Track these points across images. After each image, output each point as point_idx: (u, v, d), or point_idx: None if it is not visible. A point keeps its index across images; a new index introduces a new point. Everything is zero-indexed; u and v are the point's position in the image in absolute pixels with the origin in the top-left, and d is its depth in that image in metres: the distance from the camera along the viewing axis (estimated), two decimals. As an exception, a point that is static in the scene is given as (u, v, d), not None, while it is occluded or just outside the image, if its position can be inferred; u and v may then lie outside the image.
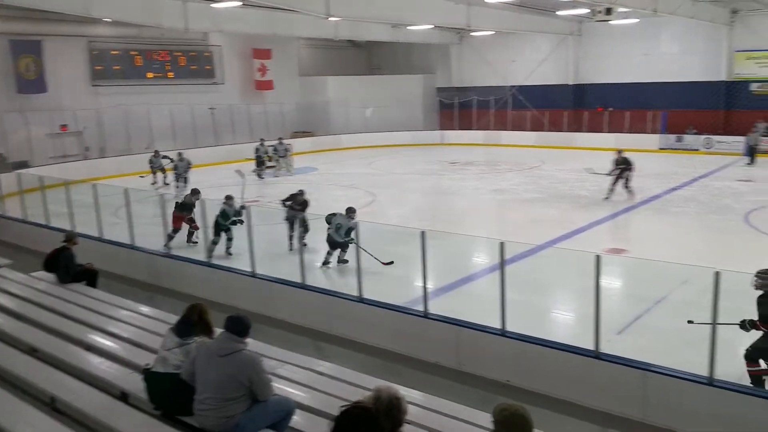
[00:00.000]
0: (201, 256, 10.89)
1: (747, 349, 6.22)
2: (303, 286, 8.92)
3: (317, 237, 11.92)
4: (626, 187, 17.17)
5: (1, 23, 21.68)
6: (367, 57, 37.68)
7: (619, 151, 17.48)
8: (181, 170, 20.20)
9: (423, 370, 7.34)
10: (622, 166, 17.07)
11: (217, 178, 20.38)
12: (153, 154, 21.91)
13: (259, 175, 23.20)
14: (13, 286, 8.87)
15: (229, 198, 11.92)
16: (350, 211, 11.15)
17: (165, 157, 21.30)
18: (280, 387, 5.40)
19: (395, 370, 7.27)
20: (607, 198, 16.99)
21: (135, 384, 5.32)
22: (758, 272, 6.13)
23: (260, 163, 23.52)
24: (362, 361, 7.53)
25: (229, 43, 29.31)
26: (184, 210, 12.70)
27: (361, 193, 19.66)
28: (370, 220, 12.87)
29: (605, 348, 6.43)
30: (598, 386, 6.36)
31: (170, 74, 27.58)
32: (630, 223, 15.06)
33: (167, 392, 5.01)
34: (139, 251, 11.25)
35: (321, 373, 6.09)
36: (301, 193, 12.72)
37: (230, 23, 23.84)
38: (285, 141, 24.60)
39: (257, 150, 23.83)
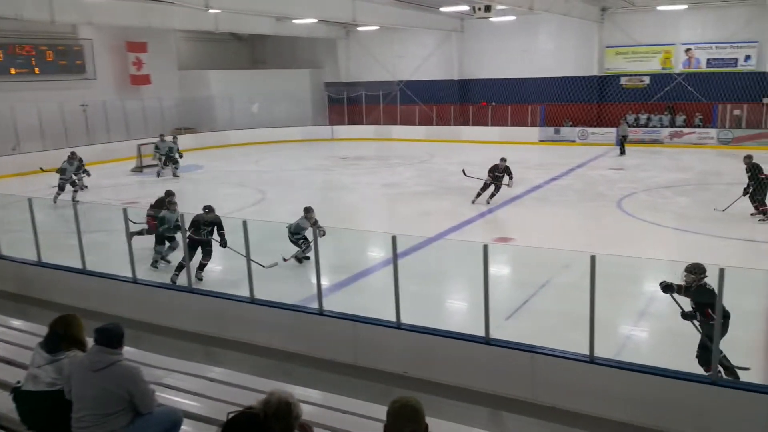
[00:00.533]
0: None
1: (697, 356, 6.23)
2: (190, 290, 8.55)
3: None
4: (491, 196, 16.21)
5: None
6: (251, 51, 36.81)
7: (503, 159, 16.35)
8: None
9: (320, 368, 7.24)
10: (498, 174, 16.09)
11: (90, 179, 19.14)
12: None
13: (158, 174, 22.23)
14: None
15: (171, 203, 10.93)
16: (307, 211, 11.27)
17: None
18: (167, 397, 5.12)
19: (291, 370, 7.14)
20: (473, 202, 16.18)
21: (5, 404, 4.87)
22: (686, 268, 6.32)
23: (172, 160, 22.29)
24: (256, 363, 7.32)
25: (101, 36, 27.49)
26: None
27: (249, 191, 19.21)
28: (260, 218, 12.60)
29: (495, 333, 6.62)
30: (489, 371, 6.53)
31: (36, 70, 25.47)
32: (515, 213, 15.66)
33: (40, 411, 4.62)
34: (7, 260, 10.36)
35: (212, 380, 5.83)
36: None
37: (101, 15, 22.37)
38: (167, 138, 23.48)
39: (157, 147, 22.56)
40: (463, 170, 17.53)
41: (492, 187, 16.17)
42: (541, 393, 6.28)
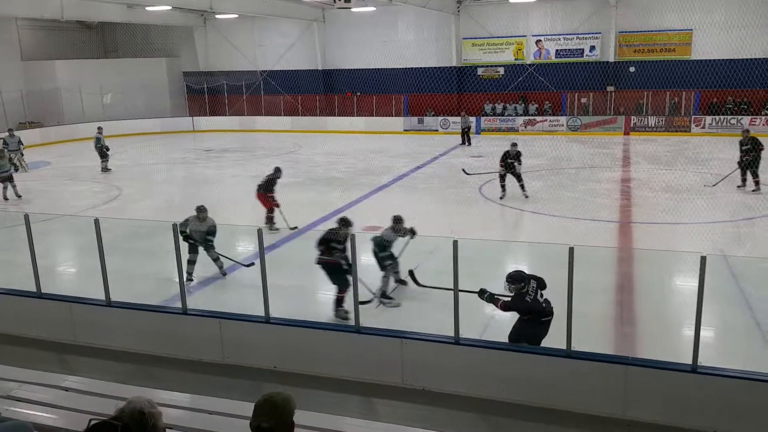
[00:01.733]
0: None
1: (510, 334, 6.64)
2: (39, 296, 7.91)
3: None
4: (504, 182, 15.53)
5: None
6: (101, 39, 34.53)
7: (514, 144, 15.68)
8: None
9: (186, 369, 7.00)
10: (511, 161, 15.46)
11: None
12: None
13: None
14: None
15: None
16: (397, 221, 9.12)
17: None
18: (19, 411, 4.77)
19: (155, 374, 6.86)
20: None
21: None
22: (507, 277, 6.56)
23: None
24: (116, 369, 6.94)
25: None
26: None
27: (103, 188, 18.09)
28: (116, 216, 11.91)
29: (366, 322, 6.72)
30: (360, 359, 6.62)
31: None
32: (383, 201, 15.93)
33: None
34: None
35: (68, 389, 5.48)
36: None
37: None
38: (16, 133, 21.47)
39: (5, 143, 20.28)
40: (464, 169, 17.35)
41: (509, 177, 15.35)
42: (410, 377, 6.45)
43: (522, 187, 15.40)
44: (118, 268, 7.83)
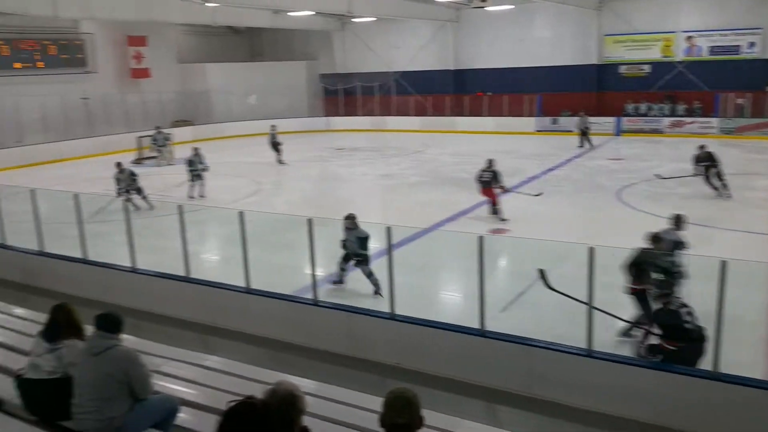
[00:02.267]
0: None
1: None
2: (187, 279, 8.57)
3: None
4: (711, 183, 14.81)
5: None
6: (248, 44, 36.71)
7: (702, 147, 15.25)
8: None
9: (315, 358, 7.29)
10: (706, 163, 14.86)
11: (91, 171, 19.19)
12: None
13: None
14: None
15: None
16: (679, 221, 8.23)
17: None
18: (164, 385, 5.20)
19: (286, 360, 7.19)
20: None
21: (9, 390, 4.94)
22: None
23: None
24: (252, 353, 7.38)
25: (102, 30, 27.60)
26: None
27: (245, 182, 19.22)
28: (256, 209, 12.62)
29: (490, 326, 6.63)
30: (484, 363, 6.55)
31: (40, 64, 25.61)
32: (511, 204, 15.65)
33: (42, 399, 4.71)
34: (11, 250, 10.46)
35: (208, 368, 5.91)
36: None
37: (102, 10, 22.48)
38: (164, 130, 23.59)
39: (155, 138, 23.04)
40: (658, 174, 16.78)
41: (709, 176, 14.79)
42: (537, 387, 6.27)
43: (724, 185, 14.58)
44: (257, 257, 8.29)
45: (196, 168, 16.99)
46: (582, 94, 28.54)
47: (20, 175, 20.30)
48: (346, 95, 33.80)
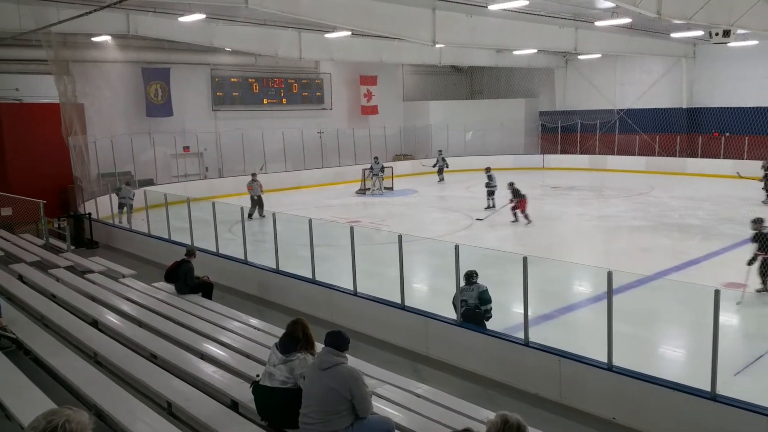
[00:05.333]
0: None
1: None
2: (403, 307, 8.99)
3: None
4: None
5: (134, 52, 23.60)
6: (468, 81, 37.75)
7: None
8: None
9: (522, 399, 7.18)
10: None
11: (322, 198, 21.01)
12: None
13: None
14: (136, 295, 9.58)
15: None
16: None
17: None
18: (379, 406, 5.49)
19: (493, 398, 7.16)
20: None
21: (245, 394, 5.57)
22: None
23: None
24: (459, 385, 7.46)
25: (338, 70, 30.36)
26: None
27: (459, 216, 19.62)
28: (467, 243, 12.83)
29: (722, 389, 6.04)
30: (714, 430, 5.98)
31: (284, 100, 28.98)
32: (750, 256, 14.08)
33: (273, 406, 5.22)
34: (251, 266, 11.77)
35: (419, 396, 6.12)
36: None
37: (340, 52, 24.87)
38: (381, 161, 25.41)
39: (372, 167, 25.09)
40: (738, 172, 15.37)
41: None
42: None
43: None
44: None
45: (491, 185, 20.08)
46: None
47: (263, 199, 22.88)
48: (564, 133, 33.04)
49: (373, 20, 17.45)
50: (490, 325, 8.34)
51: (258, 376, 5.49)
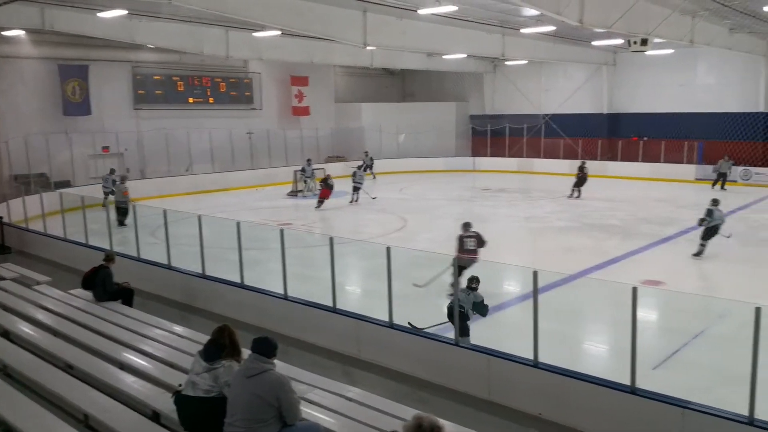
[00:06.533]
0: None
1: None
2: (334, 310, 8.91)
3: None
4: None
5: (50, 48, 22.54)
6: (401, 85, 38.08)
7: None
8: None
9: (452, 399, 7.24)
10: None
11: (252, 200, 20.67)
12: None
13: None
14: (52, 303, 9.09)
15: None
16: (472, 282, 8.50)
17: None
18: (309, 412, 5.41)
19: (424, 398, 7.19)
20: None
21: (167, 404, 5.37)
22: None
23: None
24: (391, 387, 7.45)
25: (268, 70, 29.93)
26: None
27: (392, 218, 19.71)
28: (400, 245, 12.88)
29: (641, 383, 6.26)
30: (634, 422, 6.19)
31: (211, 99, 28.27)
32: (666, 255, 14.76)
33: (197, 416, 5.07)
34: (175, 271, 11.41)
35: (350, 399, 6.07)
36: None
37: (270, 51, 24.46)
38: (315, 165, 25.29)
39: (303, 169, 24.94)
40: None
41: None
42: (690, 452, 5.81)
43: None
44: (397, 293, 8.46)
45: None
46: (747, 143, 26.47)
47: (188, 201, 22.35)
48: (493, 136, 33.83)
49: (303, 20, 17.28)
50: (422, 325, 8.36)
51: (180, 385, 5.31)
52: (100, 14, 16.76)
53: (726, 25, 20.79)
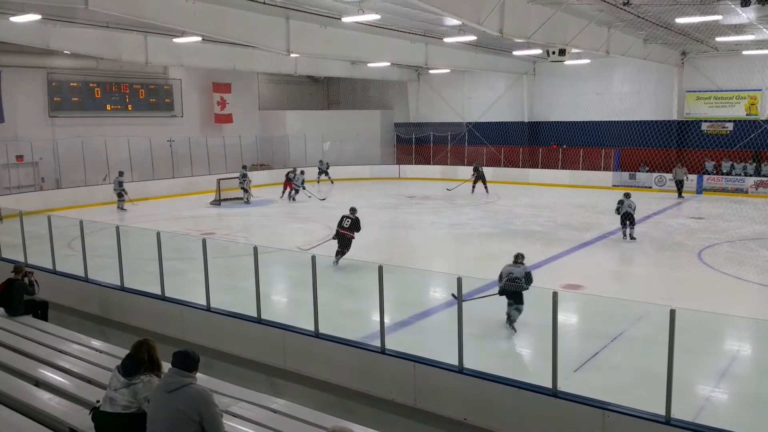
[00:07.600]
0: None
1: None
2: (259, 321, 8.72)
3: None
4: None
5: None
6: (325, 92, 38.02)
7: None
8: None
9: (379, 407, 7.22)
10: None
11: (173, 210, 20.06)
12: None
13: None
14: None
15: None
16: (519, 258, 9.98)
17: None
18: (233, 425, 5.27)
19: (350, 408, 7.15)
20: None
21: (84, 421, 5.15)
22: None
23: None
24: (317, 398, 7.37)
25: (189, 76, 29.24)
26: None
27: (317, 227, 19.55)
28: (325, 253, 12.80)
29: (563, 386, 6.42)
30: (556, 424, 6.32)
31: (129, 106, 27.31)
32: (585, 259, 15.29)
33: (115, 432, 4.84)
34: (92, 284, 10.92)
35: (275, 411, 5.94)
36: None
37: (190, 57, 23.85)
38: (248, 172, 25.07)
39: (244, 175, 24.77)
40: None
41: None
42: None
43: None
44: (325, 301, 8.38)
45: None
46: (661, 150, 27.92)
47: (106, 211, 21.48)
48: (418, 144, 34.28)
49: (225, 26, 16.96)
50: (348, 333, 8.32)
51: (98, 401, 5.08)
52: (12, 18, 16.00)
53: (641, 36, 21.81)
